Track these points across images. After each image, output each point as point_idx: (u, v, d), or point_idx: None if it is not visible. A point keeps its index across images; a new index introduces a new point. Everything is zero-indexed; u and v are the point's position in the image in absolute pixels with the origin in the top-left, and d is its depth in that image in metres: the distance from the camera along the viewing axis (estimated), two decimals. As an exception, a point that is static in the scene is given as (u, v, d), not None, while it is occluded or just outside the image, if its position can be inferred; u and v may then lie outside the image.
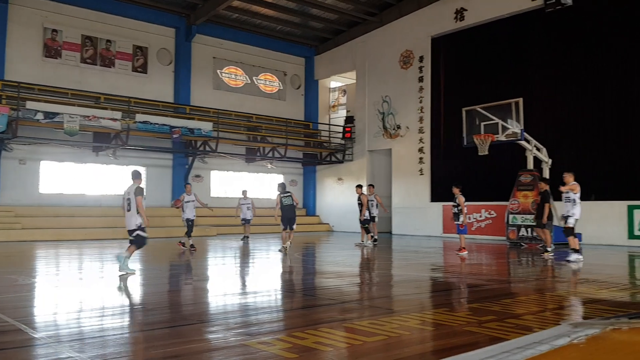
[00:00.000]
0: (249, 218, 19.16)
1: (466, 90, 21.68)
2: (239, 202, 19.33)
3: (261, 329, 5.37)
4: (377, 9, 24.79)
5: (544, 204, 13.21)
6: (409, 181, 23.89)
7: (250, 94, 26.53)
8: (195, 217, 15.21)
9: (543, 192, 13.47)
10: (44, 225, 18.99)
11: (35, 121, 18.19)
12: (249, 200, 19.33)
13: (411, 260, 12.43)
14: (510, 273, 10.85)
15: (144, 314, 6.41)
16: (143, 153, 22.07)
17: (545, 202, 13.33)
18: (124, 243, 17.58)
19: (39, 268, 11.46)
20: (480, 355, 3.81)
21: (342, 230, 25.85)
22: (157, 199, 23.12)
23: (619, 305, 6.57)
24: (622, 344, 4.09)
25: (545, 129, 19.02)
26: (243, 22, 25.50)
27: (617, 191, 17.59)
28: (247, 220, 19.17)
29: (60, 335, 5.15)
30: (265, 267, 11.90)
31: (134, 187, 10.10)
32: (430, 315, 6.13)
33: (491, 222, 20.26)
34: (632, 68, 17.83)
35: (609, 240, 17.28)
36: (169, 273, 11.09)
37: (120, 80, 22.35)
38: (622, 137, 17.95)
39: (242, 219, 19.14)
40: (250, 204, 19.23)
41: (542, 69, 19.96)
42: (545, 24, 19.68)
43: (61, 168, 21.00)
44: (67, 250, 15.12)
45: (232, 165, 25.42)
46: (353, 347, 4.57)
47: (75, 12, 21.30)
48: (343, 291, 8.16)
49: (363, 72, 26.18)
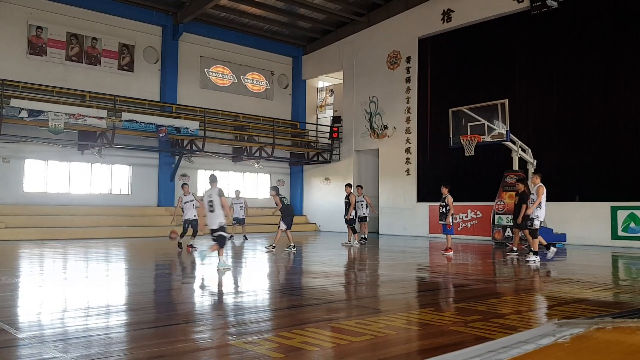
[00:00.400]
0: (241, 218, 19.10)
1: (453, 91, 21.81)
2: (231, 202, 18.98)
3: (247, 329, 5.35)
4: (364, 9, 24.84)
5: (520, 205, 13.27)
6: (395, 181, 23.97)
7: (238, 93, 26.46)
8: (196, 217, 14.78)
9: (521, 193, 13.54)
10: (28, 225, 18.80)
11: (20, 119, 18.00)
12: (241, 200, 19.30)
13: (398, 260, 12.47)
14: (496, 273, 10.92)
15: (129, 313, 6.36)
16: (129, 152, 21.93)
17: (523, 202, 13.39)
18: (109, 242, 17.53)
19: (22, 267, 11.33)
20: (466, 354, 3.82)
21: (329, 230, 25.86)
22: (144, 198, 23.02)
23: (602, 305, 6.64)
24: (606, 343, 4.13)
25: (531, 130, 19.20)
26: (231, 21, 25.43)
27: (601, 192, 17.78)
28: (241, 220, 19.09)
29: (44, 335, 5.10)
30: (252, 267, 11.87)
31: (216, 189, 10.54)
32: (416, 315, 6.15)
33: (477, 222, 20.38)
34: (616, 70, 18.04)
35: (593, 241, 17.46)
36: (155, 272, 11.02)
37: (106, 78, 22.18)
38: (606, 139, 18.15)
39: (234, 218, 19.00)
40: (243, 204, 19.19)
41: (528, 70, 20.14)
42: (531, 26, 19.84)
43: (46, 166, 20.80)
44: (52, 249, 14.97)
45: (219, 165, 25.34)
46: (339, 347, 4.57)
47: (61, 9, 21.09)
48: (329, 291, 8.16)
49: (350, 72, 26.22)
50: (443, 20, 22.31)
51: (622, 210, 17.12)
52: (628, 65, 17.82)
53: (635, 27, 17.65)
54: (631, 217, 16.89)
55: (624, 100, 17.83)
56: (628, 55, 17.80)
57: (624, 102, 17.83)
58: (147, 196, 23.09)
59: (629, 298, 7.39)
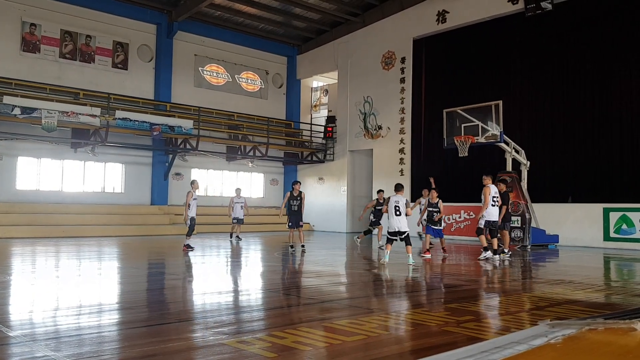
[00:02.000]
0: (241, 217, 18.70)
1: (447, 91, 21.85)
2: (232, 201, 18.77)
3: (240, 328, 5.34)
4: (360, 9, 24.85)
5: (501, 206, 13.25)
6: (389, 181, 23.84)
7: (232, 92, 26.41)
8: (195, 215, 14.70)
9: (502, 194, 13.51)
10: (20, 222, 18.71)
11: (13, 116, 17.90)
12: (242, 199, 18.89)
13: (390, 260, 12.44)
14: (489, 274, 10.95)
15: (121, 312, 6.34)
16: (122, 150, 21.87)
17: (504, 204, 13.39)
18: (102, 240, 17.46)
19: (14, 265, 11.27)
20: (459, 355, 3.83)
21: (322, 230, 25.87)
22: (137, 196, 22.95)
23: (594, 306, 6.67)
24: (598, 344, 4.14)
25: (524, 132, 19.26)
26: (225, 20, 25.38)
27: (594, 194, 17.87)
28: (240, 220, 18.70)
29: (35, 333, 5.08)
30: (245, 266, 11.85)
31: (403, 198, 11.94)
32: (409, 315, 6.15)
33: (470, 223, 20.42)
34: (610, 72, 18.11)
35: (585, 242, 17.54)
36: (148, 271, 10.98)
37: (100, 76, 22.09)
38: (599, 141, 18.23)
39: (233, 217, 18.66)
40: (244, 203, 18.87)
41: (521, 72, 20.20)
42: (525, 28, 19.91)
43: (39, 164, 20.70)
44: (44, 247, 14.90)
45: (213, 164, 25.30)
46: (332, 347, 4.57)
47: (55, 6, 21.00)
48: (322, 291, 8.16)
49: (345, 72, 26.23)
50: (438, 21, 22.36)
51: (615, 212, 17.20)
52: (621, 67, 17.90)
53: (629, 29, 17.74)
54: (623, 218, 16.98)
55: (617, 102, 17.91)
56: (621, 57, 17.88)
57: (617, 104, 17.91)
58: (140, 195, 23.03)
59: (620, 299, 7.43)
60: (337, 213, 26.03)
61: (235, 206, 18.62)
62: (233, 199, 18.76)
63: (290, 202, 14.10)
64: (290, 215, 14.19)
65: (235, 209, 18.60)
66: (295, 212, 14.11)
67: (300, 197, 14.04)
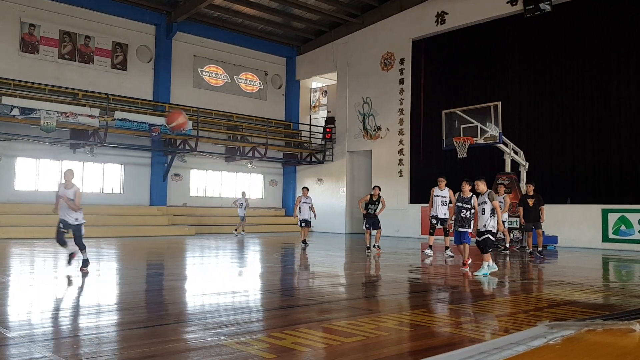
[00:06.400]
0: (242, 215, 21.68)
1: (446, 92, 21.87)
2: (237, 201, 21.90)
3: (239, 329, 5.33)
4: (359, 10, 24.87)
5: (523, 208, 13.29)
6: (388, 182, 23.94)
7: (231, 93, 26.41)
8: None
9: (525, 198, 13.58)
10: (19, 223, 18.67)
11: (11, 117, 17.88)
12: (244, 199, 21.83)
13: (390, 261, 12.46)
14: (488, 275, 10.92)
15: (120, 313, 6.33)
16: (121, 151, 21.86)
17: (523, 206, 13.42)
18: (101, 241, 17.42)
19: (13, 266, 11.26)
20: (458, 356, 3.83)
21: (321, 231, 25.85)
22: (136, 197, 22.94)
23: (593, 307, 6.68)
24: (596, 345, 4.15)
25: (523, 133, 19.29)
26: (225, 21, 25.38)
27: (593, 195, 17.90)
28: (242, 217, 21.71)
29: (34, 334, 5.06)
30: (244, 267, 11.85)
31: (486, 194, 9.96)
32: (408, 316, 6.15)
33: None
34: (609, 73, 18.15)
35: (584, 243, 17.55)
36: (147, 272, 10.97)
37: (99, 76, 22.08)
38: (598, 142, 18.25)
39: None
40: (245, 203, 21.77)
41: (520, 73, 20.23)
42: (524, 29, 19.93)
43: (37, 165, 20.68)
44: (43, 248, 14.87)
45: (212, 165, 25.30)
46: (331, 348, 4.57)
47: (54, 6, 20.98)
48: (321, 291, 8.15)
49: (344, 73, 26.24)
50: (437, 23, 22.38)
51: (613, 213, 17.21)
52: (620, 68, 17.94)
53: (628, 30, 17.77)
54: (622, 219, 16.99)
55: (616, 104, 17.94)
56: (620, 59, 17.91)
57: (616, 105, 17.94)
58: (139, 195, 23.01)
59: (619, 300, 7.43)
60: (336, 214, 26.01)
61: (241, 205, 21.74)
62: (239, 200, 21.99)
63: (369, 205, 14.43)
64: (368, 218, 14.53)
65: (240, 210, 21.73)
66: (372, 215, 14.43)
67: (379, 201, 14.34)
